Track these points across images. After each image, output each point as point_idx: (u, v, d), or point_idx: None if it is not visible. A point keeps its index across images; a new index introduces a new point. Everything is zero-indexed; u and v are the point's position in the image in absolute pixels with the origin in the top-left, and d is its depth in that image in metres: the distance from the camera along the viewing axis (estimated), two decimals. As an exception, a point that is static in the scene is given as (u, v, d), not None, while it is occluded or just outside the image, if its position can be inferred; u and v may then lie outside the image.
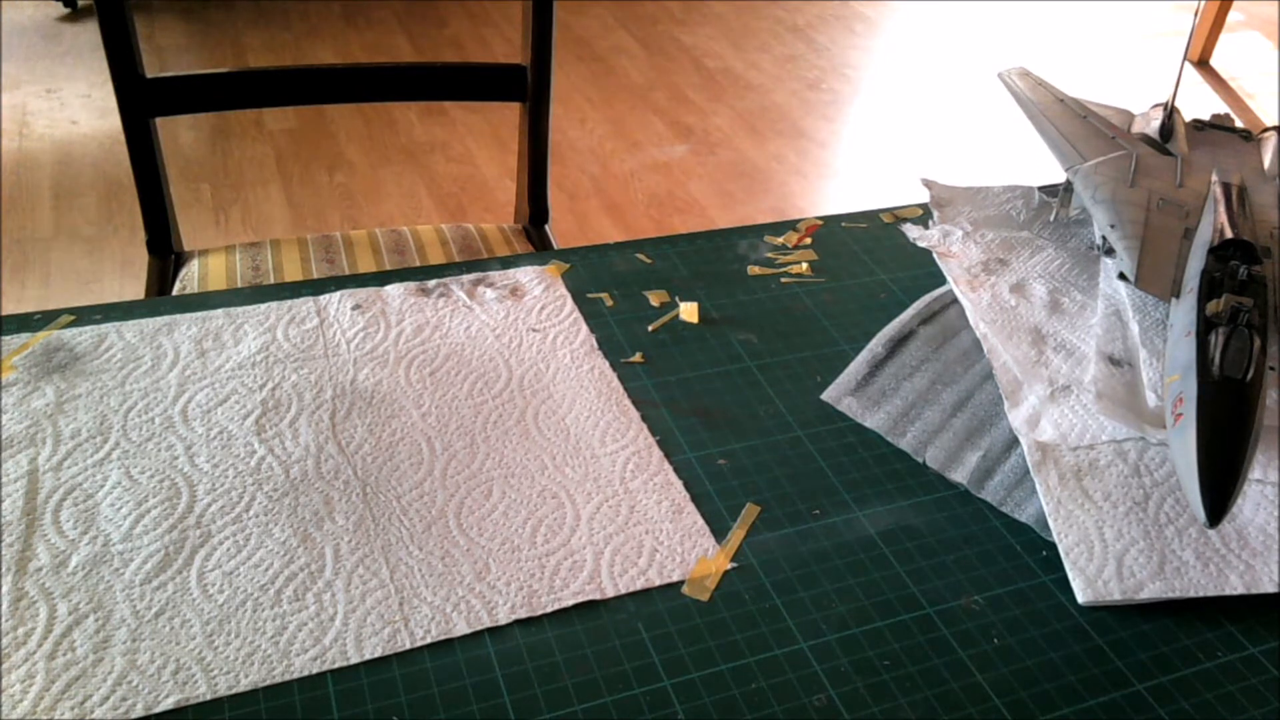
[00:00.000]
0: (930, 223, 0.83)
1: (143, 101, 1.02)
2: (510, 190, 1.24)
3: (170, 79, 1.04)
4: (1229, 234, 0.69)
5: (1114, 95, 0.93)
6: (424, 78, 1.13)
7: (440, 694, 0.49)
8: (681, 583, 0.55)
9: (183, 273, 1.07)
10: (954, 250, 0.80)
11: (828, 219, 0.85)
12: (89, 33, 2.71)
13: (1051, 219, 0.84)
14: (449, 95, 1.14)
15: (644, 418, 0.65)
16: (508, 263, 0.77)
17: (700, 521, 0.58)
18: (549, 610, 0.53)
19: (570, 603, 0.53)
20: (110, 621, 0.50)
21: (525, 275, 0.75)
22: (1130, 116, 0.87)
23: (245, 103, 1.12)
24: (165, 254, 1.11)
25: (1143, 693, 0.51)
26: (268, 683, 0.48)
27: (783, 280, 0.78)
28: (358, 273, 0.84)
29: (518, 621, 0.52)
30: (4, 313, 0.69)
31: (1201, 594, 0.55)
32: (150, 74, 1.02)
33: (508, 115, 1.20)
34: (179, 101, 1.05)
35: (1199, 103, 2.75)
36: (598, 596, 0.53)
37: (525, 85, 1.11)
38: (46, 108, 2.37)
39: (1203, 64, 2.97)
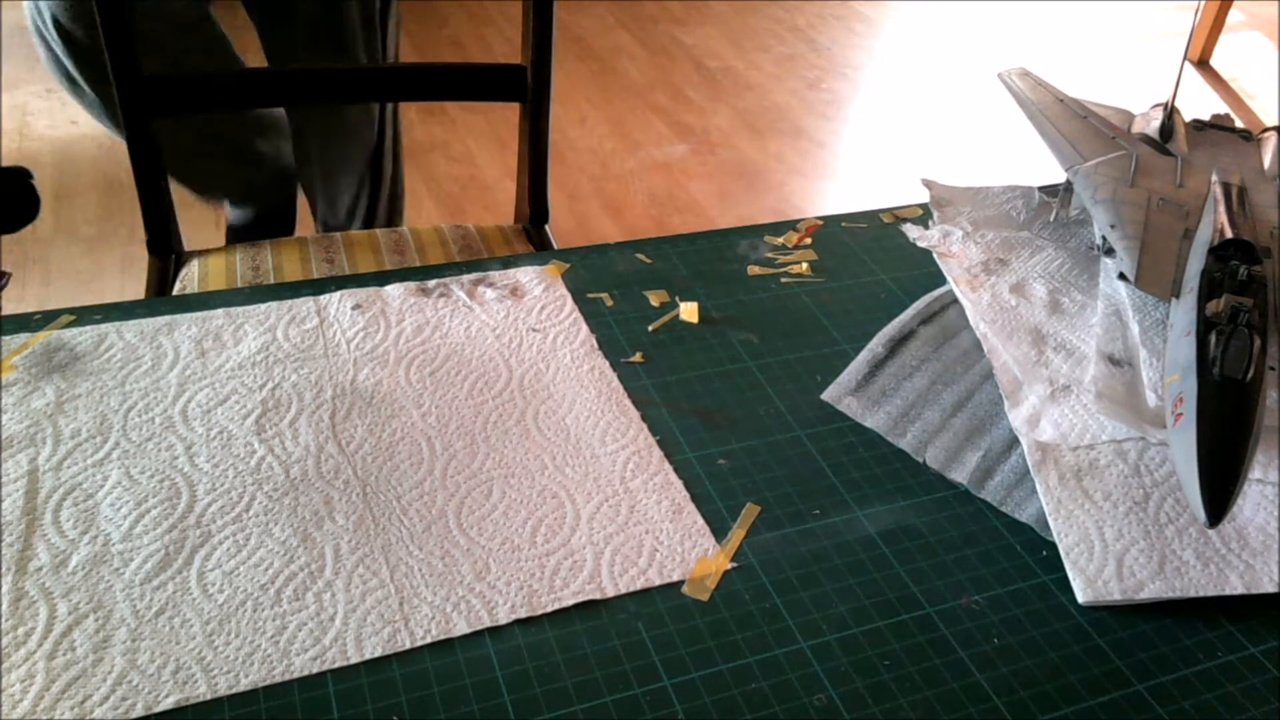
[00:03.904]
0: (930, 223, 0.83)
1: (143, 101, 1.02)
2: (510, 190, 1.24)
3: (171, 79, 1.03)
4: (1229, 234, 0.69)
5: (1114, 95, 0.92)
6: (424, 78, 1.13)
7: (440, 694, 0.49)
8: (681, 583, 0.55)
9: (183, 273, 1.07)
10: (954, 250, 0.80)
11: (828, 219, 0.85)
12: (89, 33, 2.70)
13: (1051, 219, 0.84)
14: (449, 95, 1.14)
15: (644, 418, 0.65)
16: (508, 263, 0.77)
17: (700, 521, 0.58)
18: (549, 610, 0.53)
19: (570, 603, 0.53)
20: (110, 621, 0.50)
21: (525, 275, 0.75)
22: (1130, 116, 0.87)
23: (245, 103, 1.11)
24: (165, 254, 1.11)
25: (1143, 693, 0.51)
26: (268, 682, 0.48)
27: (783, 280, 0.78)
28: (358, 273, 0.84)
29: (518, 621, 0.52)
30: (4, 313, 0.69)
31: (1201, 594, 0.55)
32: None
33: (508, 115, 1.20)
34: (180, 101, 1.05)
35: (1199, 103, 2.75)
36: (598, 596, 0.53)
37: (525, 85, 1.11)
38: (46, 108, 2.37)
39: (1203, 64, 2.97)
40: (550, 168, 1.18)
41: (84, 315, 0.69)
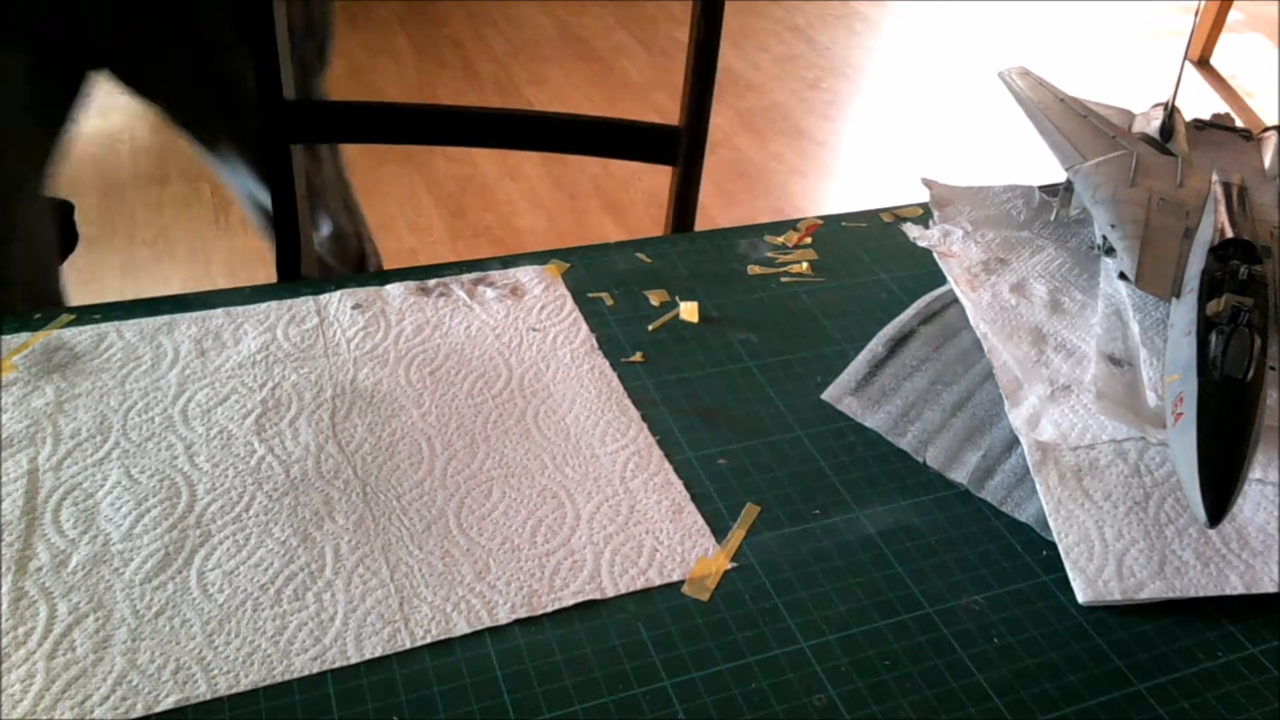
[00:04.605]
0: (930, 222, 0.83)
1: (285, 126, 0.95)
2: (510, 190, 1.23)
3: (314, 104, 0.97)
4: (1229, 234, 0.69)
5: (1114, 95, 0.92)
6: (565, 129, 1.04)
7: (440, 694, 0.49)
8: (681, 582, 0.55)
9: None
10: (954, 250, 0.80)
11: (828, 219, 0.85)
12: (89, 32, 2.70)
13: (1051, 219, 0.84)
14: (590, 150, 1.05)
15: (644, 418, 0.65)
16: (508, 262, 0.77)
17: (700, 521, 0.58)
18: (549, 610, 0.53)
19: (570, 602, 0.53)
20: (110, 621, 0.50)
21: (525, 275, 0.75)
22: (1130, 116, 0.87)
23: (382, 137, 1.03)
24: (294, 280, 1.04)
25: (1143, 693, 0.51)
26: (268, 682, 0.48)
27: (783, 280, 0.78)
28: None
29: (518, 621, 0.52)
30: (4, 312, 0.69)
31: (1201, 594, 0.55)
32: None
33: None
34: (320, 129, 0.99)
35: (1199, 103, 2.75)
36: (598, 596, 0.53)
37: (677, 149, 1.00)
38: (46, 107, 2.37)
39: (1203, 64, 2.97)
40: (553, 168, 1.14)
41: (84, 314, 0.69)
